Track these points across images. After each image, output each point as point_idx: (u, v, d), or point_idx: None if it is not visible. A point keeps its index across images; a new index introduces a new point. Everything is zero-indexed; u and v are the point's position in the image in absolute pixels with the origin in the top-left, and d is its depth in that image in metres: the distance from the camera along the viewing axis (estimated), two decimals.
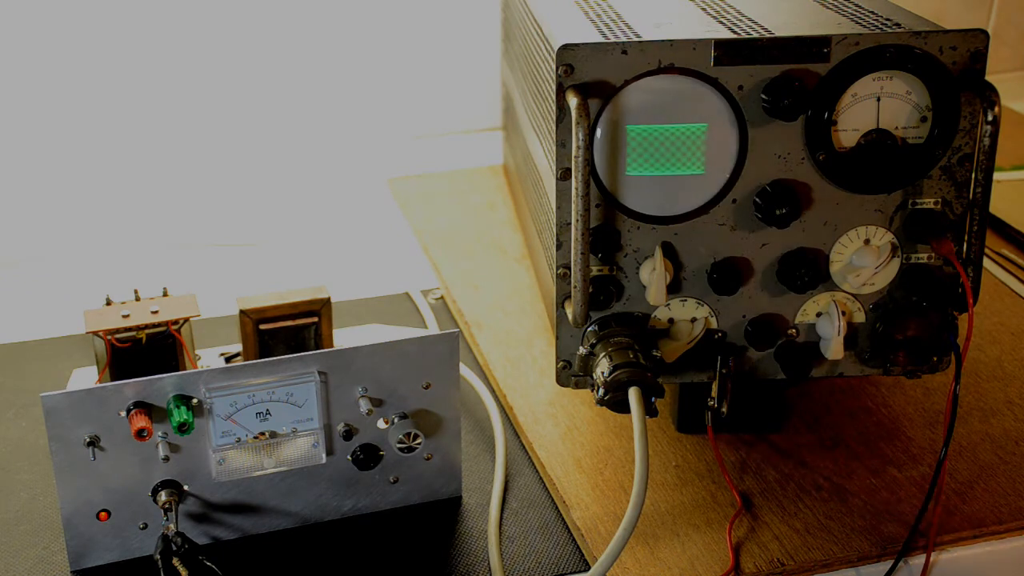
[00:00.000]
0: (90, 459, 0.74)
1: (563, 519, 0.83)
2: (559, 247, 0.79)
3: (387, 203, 1.32)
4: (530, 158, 1.00)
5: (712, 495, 0.84)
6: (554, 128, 0.76)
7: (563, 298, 0.80)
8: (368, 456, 0.80)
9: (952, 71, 0.76)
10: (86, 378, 0.89)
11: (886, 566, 0.78)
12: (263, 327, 0.85)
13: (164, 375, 0.74)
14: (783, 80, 0.75)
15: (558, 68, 0.74)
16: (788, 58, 0.75)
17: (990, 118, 0.75)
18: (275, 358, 0.76)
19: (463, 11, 1.45)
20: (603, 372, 0.77)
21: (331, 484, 0.81)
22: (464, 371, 0.94)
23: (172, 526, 0.75)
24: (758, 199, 0.78)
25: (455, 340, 0.80)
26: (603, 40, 0.75)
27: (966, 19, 1.63)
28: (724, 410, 0.82)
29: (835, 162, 0.77)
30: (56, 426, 0.73)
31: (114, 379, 0.82)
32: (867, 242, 0.80)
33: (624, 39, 0.75)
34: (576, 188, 0.74)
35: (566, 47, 0.74)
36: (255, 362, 0.75)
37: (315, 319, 0.86)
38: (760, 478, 0.85)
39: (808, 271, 0.79)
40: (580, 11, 0.85)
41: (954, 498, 0.83)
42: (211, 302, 0.97)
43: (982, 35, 0.75)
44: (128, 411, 0.73)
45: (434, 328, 1.05)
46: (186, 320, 0.84)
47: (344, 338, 0.93)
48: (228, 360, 0.90)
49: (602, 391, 0.77)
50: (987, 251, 1.16)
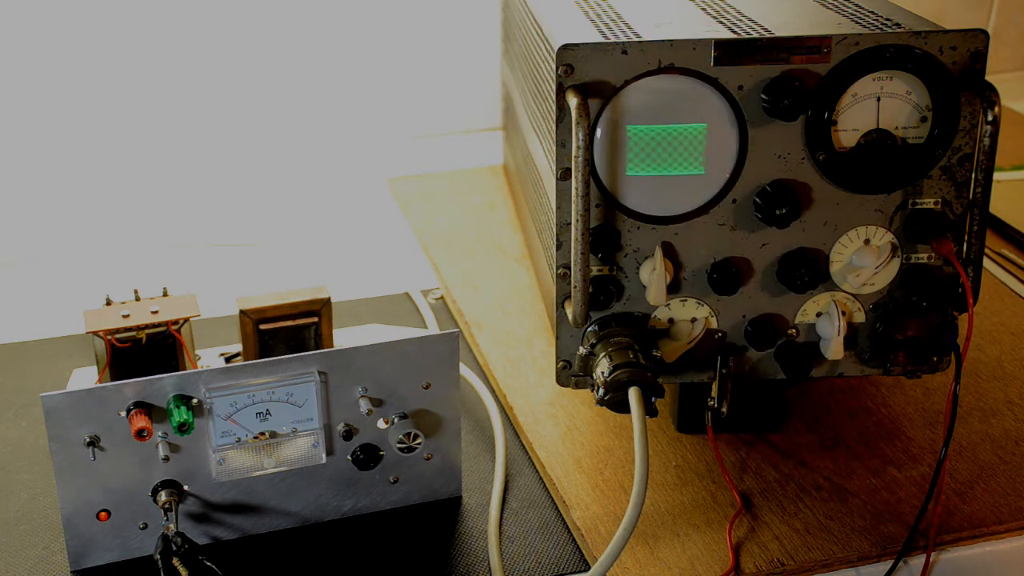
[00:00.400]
0: (90, 459, 0.74)
1: (563, 519, 0.83)
2: (559, 247, 0.79)
3: (387, 203, 1.32)
4: (530, 158, 1.00)
5: (712, 495, 0.84)
6: (554, 128, 0.76)
7: (563, 298, 0.80)
8: (368, 456, 0.80)
9: (952, 71, 0.75)
10: (86, 378, 0.89)
11: (886, 566, 0.78)
12: (263, 327, 0.85)
13: (164, 375, 0.74)
14: (783, 80, 0.75)
15: (558, 68, 0.74)
16: (788, 58, 0.75)
17: (990, 118, 0.75)
18: (275, 358, 0.76)
19: (463, 11, 1.45)
20: (603, 372, 0.77)
21: (331, 484, 0.81)
22: (464, 371, 0.94)
23: (172, 526, 0.75)
24: (758, 199, 0.78)
25: (455, 340, 0.80)
26: (603, 40, 0.75)
27: (966, 19, 1.63)
28: (724, 410, 0.82)
29: (835, 162, 0.77)
30: (56, 426, 0.73)
31: (114, 379, 0.82)
32: (867, 242, 0.80)
33: (624, 39, 0.75)
34: (576, 188, 0.74)
35: (566, 47, 0.74)
36: (255, 362, 0.75)
37: (315, 319, 0.86)
38: (760, 478, 0.85)
39: (808, 271, 0.79)
40: (580, 11, 0.85)
41: (954, 498, 0.83)
42: (211, 302, 0.97)
43: (982, 35, 0.75)
44: (128, 411, 0.73)
45: (434, 328, 1.05)
46: (186, 320, 0.84)
47: (344, 338, 0.93)
48: (228, 360, 0.90)
49: (602, 391, 0.77)
50: (987, 251, 1.16)
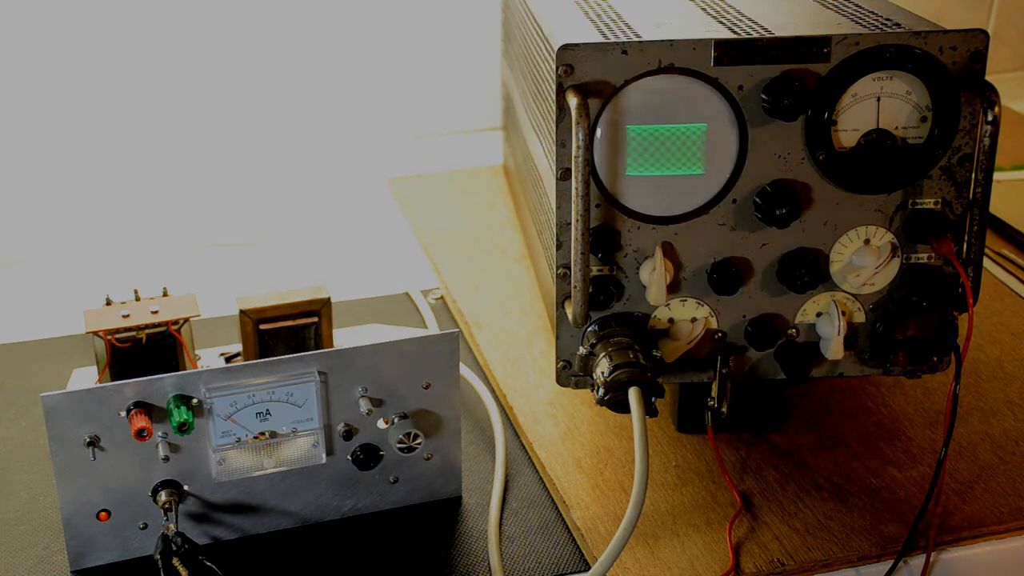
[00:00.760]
0: (90, 459, 0.74)
1: (563, 519, 0.83)
2: (559, 247, 0.79)
3: (387, 203, 1.32)
4: (530, 158, 1.00)
5: (712, 495, 0.84)
6: (554, 128, 0.76)
7: (563, 298, 0.80)
8: (368, 456, 0.80)
9: (952, 71, 0.75)
10: (86, 378, 0.89)
11: (886, 566, 0.78)
12: (263, 327, 0.85)
13: (164, 375, 0.74)
14: (783, 80, 0.75)
15: (558, 68, 0.74)
16: (788, 58, 0.75)
17: (990, 118, 0.75)
18: (275, 358, 0.76)
19: (463, 11, 1.45)
20: (603, 372, 0.77)
21: (331, 484, 0.81)
22: (464, 371, 0.94)
23: (172, 526, 0.75)
24: (758, 199, 0.78)
25: (455, 340, 0.80)
26: (603, 40, 0.75)
27: (966, 19, 1.63)
28: (724, 410, 0.82)
29: (835, 162, 0.77)
30: (56, 426, 0.73)
31: (114, 379, 0.82)
32: (867, 242, 0.80)
33: (624, 39, 0.75)
34: (576, 188, 0.74)
35: (566, 47, 0.74)
36: (255, 362, 0.75)
37: (315, 319, 0.86)
38: (760, 478, 0.85)
39: (808, 271, 0.79)
40: (580, 11, 0.85)
41: (954, 498, 0.83)
42: (211, 302, 0.97)
43: (982, 35, 0.75)
44: (128, 411, 0.73)
45: (434, 328, 1.05)
46: (186, 320, 0.84)
47: (344, 338, 0.93)
48: (228, 360, 0.90)
49: (602, 391, 0.77)
50: (987, 251, 1.16)
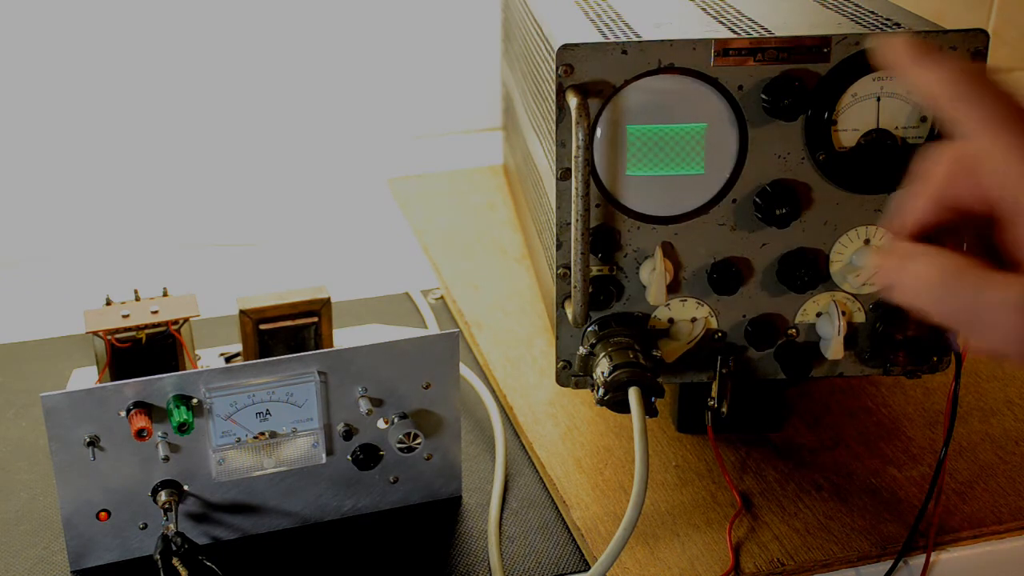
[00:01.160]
0: (90, 459, 0.74)
1: (563, 519, 0.83)
2: (559, 247, 0.79)
3: (387, 203, 1.32)
4: (530, 158, 1.00)
5: (712, 495, 0.84)
6: (554, 128, 0.76)
7: (563, 298, 0.80)
8: (368, 456, 0.80)
9: None
10: (86, 378, 0.89)
11: (886, 566, 0.78)
12: (263, 327, 0.85)
13: (164, 375, 0.74)
14: (783, 80, 0.75)
15: (558, 68, 0.74)
16: (788, 58, 0.75)
17: None
18: (275, 358, 0.76)
19: (463, 11, 1.45)
20: (603, 372, 0.77)
21: (331, 484, 0.81)
22: (464, 371, 0.94)
23: (172, 526, 0.75)
24: (758, 199, 0.78)
25: (455, 340, 0.80)
26: (603, 40, 0.75)
27: (966, 19, 1.63)
28: (724, 410, 0.82)
29: (835, 162, 0.77)
30: (56, 426, 0.73)
31: (114, 379, 0.82)
32: (867, 242, 0.80)
33: (624, 39, 0.75)
34: (576, 188, 0.74)
35: (566, 47, 0.74)
36: (255, 362, 0.75)
37: (315, 319, 0.86)
38: (760, 478, 0.85)
39: (808, 271, 0.79)
40: (580, 11, 0.85)
41: (954, 498, 0.83)
42: (211, 302, 0.97)
43: (982, 35, 0.75)
44: (128, 411, 0.73)
45: (434, 328, 1.05)
46: (186, 320, 0.84)
47: (344, 338, 0.93)
48: (228, 360, 0.90)
49: (602, 391, 0.77)
50: None
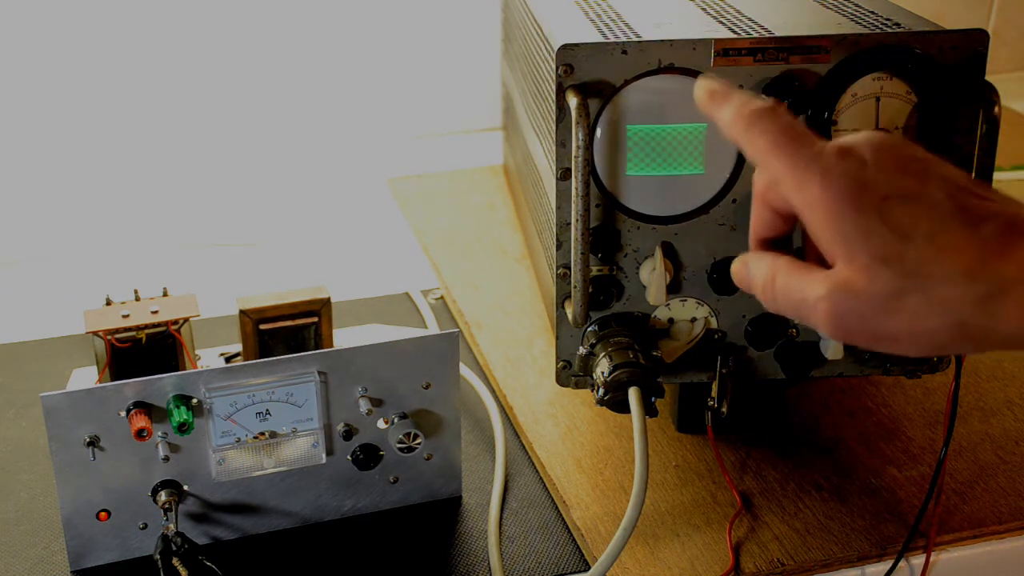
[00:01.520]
0: (90, 459, 0.74)
1: (563, 519, 0.83)
2: (559, 247, 0.79)
3: (387, 203, 1.32)
4: (530, 158, 1.00)
5: (712, 495, 0.84)
6: (554, 128, 0.76)
7: (563, 298, 0.80)
8: (368, 456, 0.80)
9: (952, 71, 0.75)
10: (86, 378, 0.89)
11: (886, 566, 0.78)
12: (263, 327, 0.85)
13: (164, 375, 0.74)
14: (783, 80, 0.75)
15: (558, 68, 0.74)
16: (788, 58, 0.75)
17: (990, 118, 0.75)
18: (275, 358, 0.76)
19: (463, 11, 1.45)
20: (603, 372, 0.77)
21: (331, 484, 0.81)
22: (464, 371, 0.94)
23: (172, 526, 0.75)
24: None
25: (455, 340, 0.80)
26: (603, 40, 0.75)
27: (966, 19, 1.63)
28: (724, 410, 0.82)
29: None
30: (56, 426, 0.73)
31: (114, 379, 0.82)
32: None
33: (624, 39, 0.75)
34: (576, 188, 0.74)
35: (566, 47, 0.74)
36: (255, 362, 0.75)
37: (315, 319, 0.86)
38: (760, 478, 0.85)
39: None
40: (580, 11, 0.84)
41: (954, 498, 0.83)
42: (211, 302, 0.97)
43: (982, 35, 0.75)
44: (128, 411, 0.73)
45: (434, 328, 1.05)
46: (186, 320, 0.84)
47: (344, 338, 0.93)
48: (228, 360, 0.90)
49: (602, 391, 0.77)
50: None
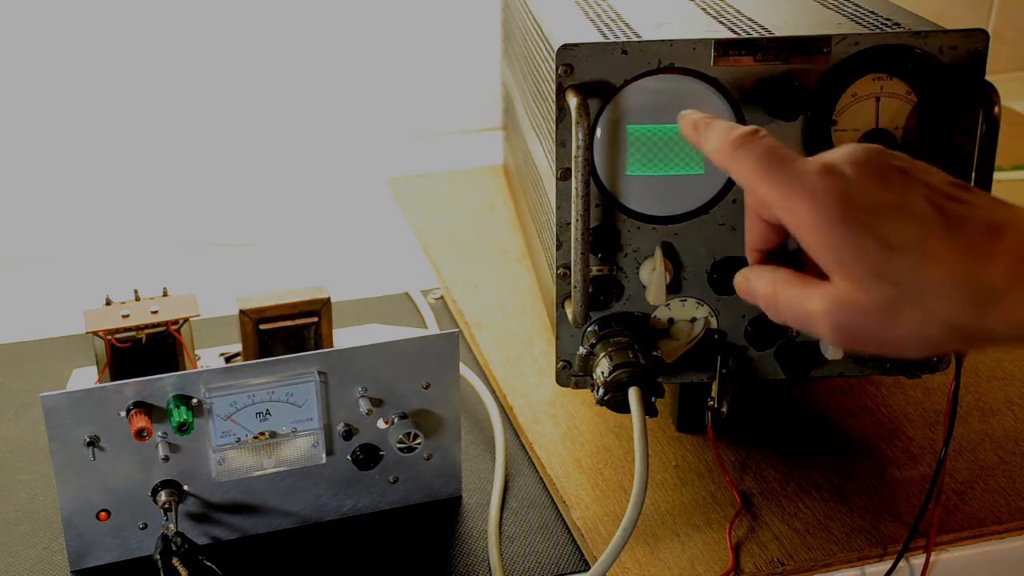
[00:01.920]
0: (90, 459, 0.74)
1: (563, 519, 0.83)
2: (559, 247, 0.79)
3: (387, 203, 1.32)
4: (530, 158, 1.00)
5: (712, 495, 0.84)
6: (554, 128, 0.76)
7: (563, 298, 0.80)
8: (368, 456, 0.80)
9: (952, 71, 0.75)
10: (86, 378, 0.89)
11: (886, 566, 0.78)
12: (263, 327, 0.85)
13: (164, 375, 0.74)
14: (783, 80, 0.75)
15: (558, 68, 0.74)
16: (788, 58, 0.75)
17: (990, 118, 0.75)
18: (275, 358, 0.76)
19: (463, 11, 1.45)
20: (603, 372, 0.77)
21: (331, 484, 0.81)
22: (464, 371, 0.94)
23: (172, 526, 0.75)
24: None
25: (455, 340, 0.80)
26: (603, 40, 0.75)
27: (966, 19, 1.63)
28: (724, 410, 0.82)
29: None
30: (56, 426, 0.73)
31: (114, 379, 0.82)
32: None
33: (624, 39, 0.75)
34: (576, 188, 0.74)
35: (566, 47, 0.74)
36: (255, 362, 0.75)
37: (315, 319, 0.86)
38: (760, 478, 0.85)
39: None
40: (580, 11, 0.85)
41: (954, 498, 0.83)
42: (211, 302, 0.97)
43: (982, 35, 0.75)
44: (128, 411, 0.73)
45: (434, 328, 1.05)
46: (186, 320, 0.84)
47: (344, 338, 0.93)
48: (228, 360, 0.90)
49: (602, 391, 0.77)
50: None
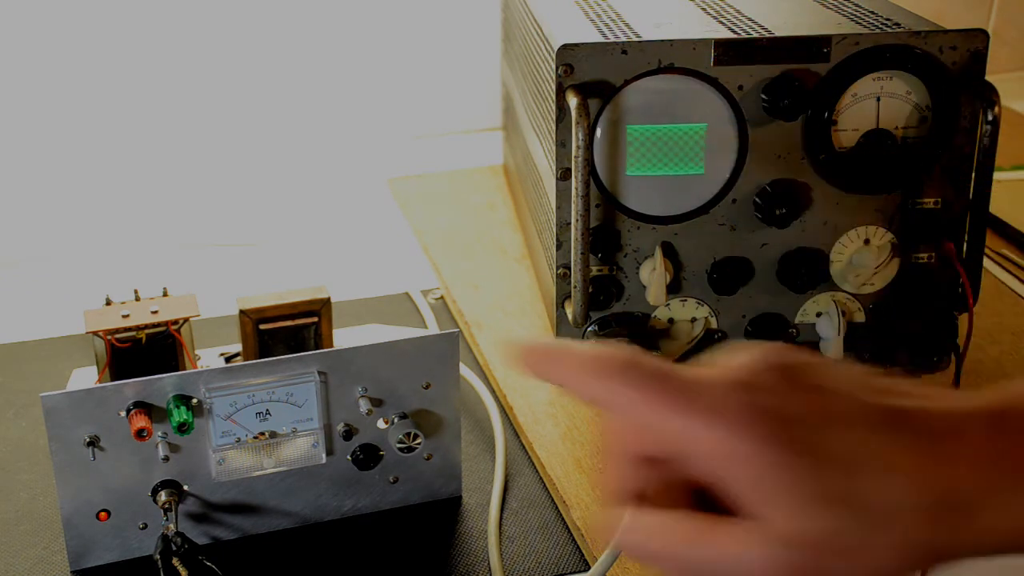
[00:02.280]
0: (90, 459, 0.74)
1: (563, 519, 0.83)
2: (559, 247, 0.79)
3: (387, 203, 1.32)
4: (530, 158, 1.00)
5: None
6: (554, 128, 0.76)
7: (563, 298, 0.80)
8: (368, 456, 0.80)
9: (952, 71, 0.76)
10: (86, 378, 0.89)
11: None
12: (263, 327, 0.85)
13: (164, 375, 0.74)
14: (783, 80, 0.75)
15: (558, 68, 0.74)
16: (788, 58, 0.75)
17: (990, 118, 0.75)
18: (275, 358, 0.76)
19: (463, 11, 1.45)
20: None
21: (331, 484, 0.81)
22: (464, 371, 0.94)
23: (172, 526, 0.75)
24: (758, 199, 0.78)
25: (455, 340, 0.80)
26: (603, 40, 0.75)
27: (966, 19, 1.63)
28: None
29: (835, 162, 0.77)
30: (56, 426, 0.73)
31: (114, 379, 0.82)
32: (867, 242, 0.80)
33: (624, 39, 0.75)
34: (576, 188, 0.74)
35: (566, 47, 0.74)
36: (255, 362, 0.75)
37: (315, 319, 0.86)
38: None
39: (808, 271, 0.79)
40: (580, 11, 0.85)
41: None
42: (211, 302, 0.97)
43: (982, 35, 0.75)
44: (128, 411, 0.73)
45: (434, 328, 1.05)
46: (186, 320, 0.84)
47: (344, 338, 0.93)
48: (228, 360, 0.90)
49: None
50: (987, 251, 1.16)
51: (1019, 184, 1.33)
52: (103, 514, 0.76)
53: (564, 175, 0.77)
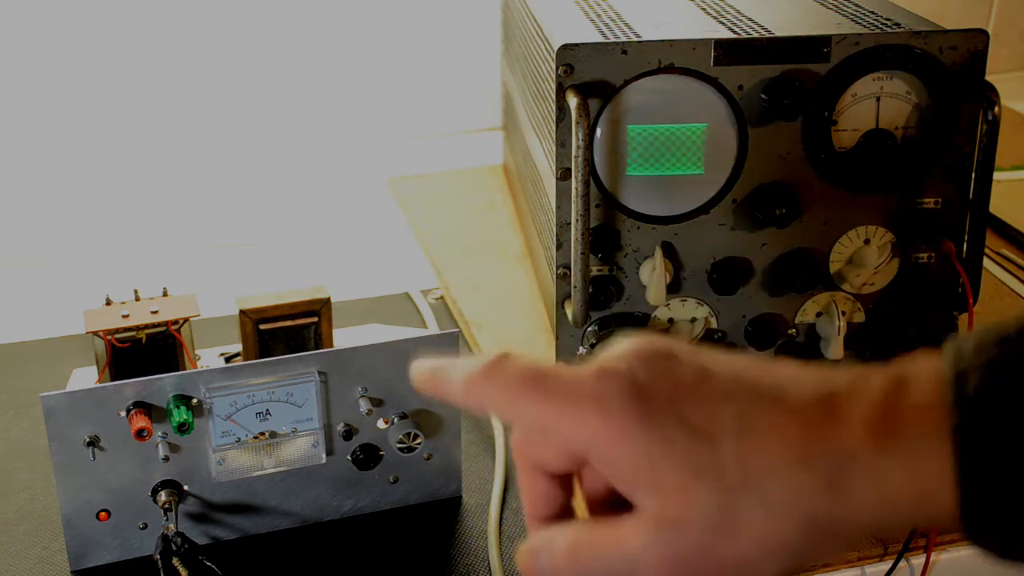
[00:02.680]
0: (90, 459, 0.74)
1: None
2: (559, 247, 0.79)
3: (387, 203, 1.32)
4: (530, 158, 1.00)
5: None
6: (554, 128, 0.76)
7: (563, 298, 0.80)
8: (368, 456, 0.80)
9: (952, 71, 0.76)
10: (86, 378, 0.89)
11: (886, 566, 0.78)
12: (263, 327, 0.85)
13: (164, 375, 0.74)
14: (783, 80, 0.75)
15: (558, 68, 0.74)
16: (788, 58, 0.75)
17: (990, 118, 0.75)
18: (275, 358, 0.76)
19: (463, 11, 1.45)
20: None
21: (331, 484, 0.81)
22: None
23: (172, 526, 0.75)
24: (758, 199, 0.78)
25: (455, 340, 0.80)
26: (603, 40, 0.75)
27: (966, 19, 1.63)
28: None
29: (835, 162, 0.77)
30: (56, 426, 0.73)
31: (114, 379, 0.82)
32: (867, 242, 0.80)
33: (624, 39, 0.75)
34: (576, 188, 0.74)
35: (566, 47, 0.74)
36: (255, 362, 0.75)
37: (315, 319, 0.86)
38: None
39: (808, 271, 0.79)
40: (580, 11, 0.85)
41: None
42: (211, 302, 0.97)
43: (982, 35, 0.75)
44: (128, 411, 0.73)
45: (434, 328, 1.05)
46: (186, 320, 0.84)
47: (344, 338, 0.93)
48: (228, 360, 0.90)
49: None
50: (987, 251, 1.16)
51: (1019, 184, 1.33)
52: (103, 514, 0.76)
53: (564, 175, 0.77)
